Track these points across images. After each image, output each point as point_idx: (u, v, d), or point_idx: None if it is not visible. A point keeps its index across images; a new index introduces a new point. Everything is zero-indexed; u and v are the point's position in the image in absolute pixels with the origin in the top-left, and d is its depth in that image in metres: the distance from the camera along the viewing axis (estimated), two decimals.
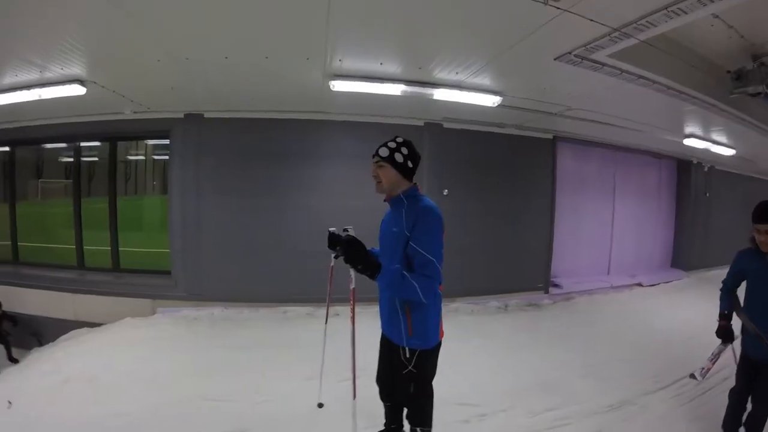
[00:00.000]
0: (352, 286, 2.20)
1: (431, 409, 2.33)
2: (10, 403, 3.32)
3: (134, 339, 4.70)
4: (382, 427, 2.73)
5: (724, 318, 2.69)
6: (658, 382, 3.68)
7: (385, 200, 2.22)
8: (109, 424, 3.02)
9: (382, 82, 4.20)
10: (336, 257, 2.48)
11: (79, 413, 3.18)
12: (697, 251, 8.92)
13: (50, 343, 5.18)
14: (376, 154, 2.14)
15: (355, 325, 2.32)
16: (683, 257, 8.83)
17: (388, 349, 2.36)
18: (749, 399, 2.62)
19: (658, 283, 7.74)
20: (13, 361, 5.27)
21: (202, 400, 3.37)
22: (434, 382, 2.31)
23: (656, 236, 8.78)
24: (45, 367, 4.25)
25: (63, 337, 5.29)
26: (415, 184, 2.20)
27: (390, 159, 2.11)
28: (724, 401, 2.75)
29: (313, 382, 3.33)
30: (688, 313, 5.76)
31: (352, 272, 2.03)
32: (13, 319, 5.92)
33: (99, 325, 5.45)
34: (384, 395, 2.54)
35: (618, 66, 3.61)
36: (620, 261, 8.12)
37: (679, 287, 7.65)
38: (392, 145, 2.13)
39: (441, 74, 4.07)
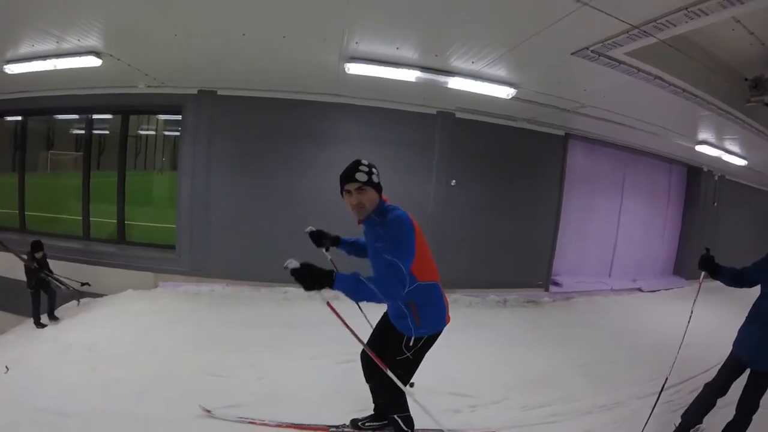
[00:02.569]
0: (325, 301, 1.99)
1: (404, 395, 2.33)
2: (7, 368, 3.36)
3: (135, 311, 4.75)
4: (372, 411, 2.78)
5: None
6: (652, 386, 3.61)
7: (359, 223, 2.20)
8: (107, 390, 3.07)
9: (398, 67, 4.18)
10: (327, 249, 2.65)
11: (77, 379, 3.24)
12: None
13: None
14: (354, 180, 2.06)
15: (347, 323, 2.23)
16: (686, 265, 8.68)
17: (385, 330, 2.42)
18: (718, 399, 2.62)
19: (659, 290, 7.69)
20: (53, 318, 4.87)
21: (199, 373, 3.42)
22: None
23: (661, 242, 8.73)
24: (46, 334, 4.35)
25: (65, 305, 5.35)
26: (382, 197, 2.19)
27: (370, 183, 2.08)
28: (715, 414, 2.70)
29: (311, 362, 3.37)
30: (686, 321, 5.72)
31: (317, 293, 1.85)
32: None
33: (101, 295, 5.51)
34: (366, 374, 2.56)
35: (635, 65, 3.57)
36: (623, 264, 8.09)
37: (680, 295, 7.54)
38: (364, 168, 2.09)
39: (457, 63, 4.04)
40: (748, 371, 2.54)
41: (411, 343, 2.21)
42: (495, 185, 6.38)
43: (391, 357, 2.24)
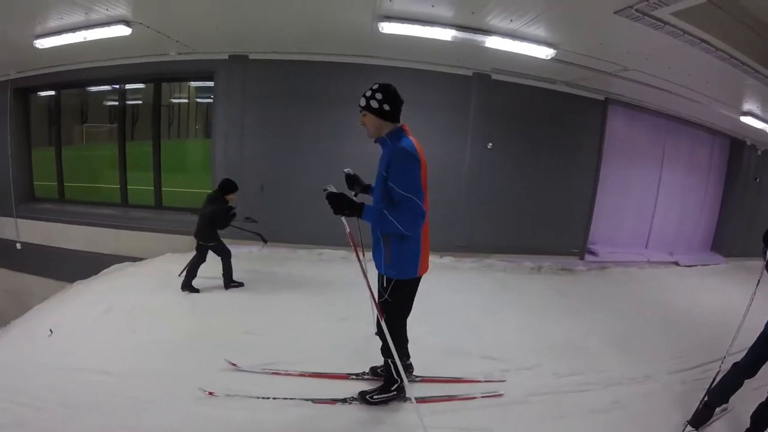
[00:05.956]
0: (348, 230, 2.27)
1: (401, 342, 2.45)
2: (51, 331, 3.45)
3: (174, 273, 4.82)
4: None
5: None
6: (683, 362, 3.55)
7: (375, 142, 2.31)
8: (146, 350, 3.16)
9: (433, 26, 4.09)
10: (356, 194, 2.73)
11: (118, 340, 3.33)
12: (739, 238, 8.42)
13: (93, 276, 5.40)
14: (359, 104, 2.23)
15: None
16: (724, 242, 8.39)
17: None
18: (746, 380, 2.50)
19: (696, 265, 7.44)
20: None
21: (236, 332, 3.51)
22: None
23: (700, 216, 8.39)
24: (87, 298, 4.44)
25: (105, 270, 5.50)
26: (402, 125, 2.25)
27: (367, 107, 2.19)
28: (746, 394, 2.59)
29: (344, 323, 3.42)
30: (723, 298, 5.49)
31: (343, 219, 2.16)
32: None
33: (140, 259, 5.67)
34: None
35: (680, 26, 3.38)
36: (660, 236, 7.85)
37: (717, 272, 7.33)
38: (368, 93, 2.20)
39: (494, 21, 3.91)
40: None
41: (385, 284, 2.29)
42: (532, 150, 6.25)
43: (379, 301, 2.35)
